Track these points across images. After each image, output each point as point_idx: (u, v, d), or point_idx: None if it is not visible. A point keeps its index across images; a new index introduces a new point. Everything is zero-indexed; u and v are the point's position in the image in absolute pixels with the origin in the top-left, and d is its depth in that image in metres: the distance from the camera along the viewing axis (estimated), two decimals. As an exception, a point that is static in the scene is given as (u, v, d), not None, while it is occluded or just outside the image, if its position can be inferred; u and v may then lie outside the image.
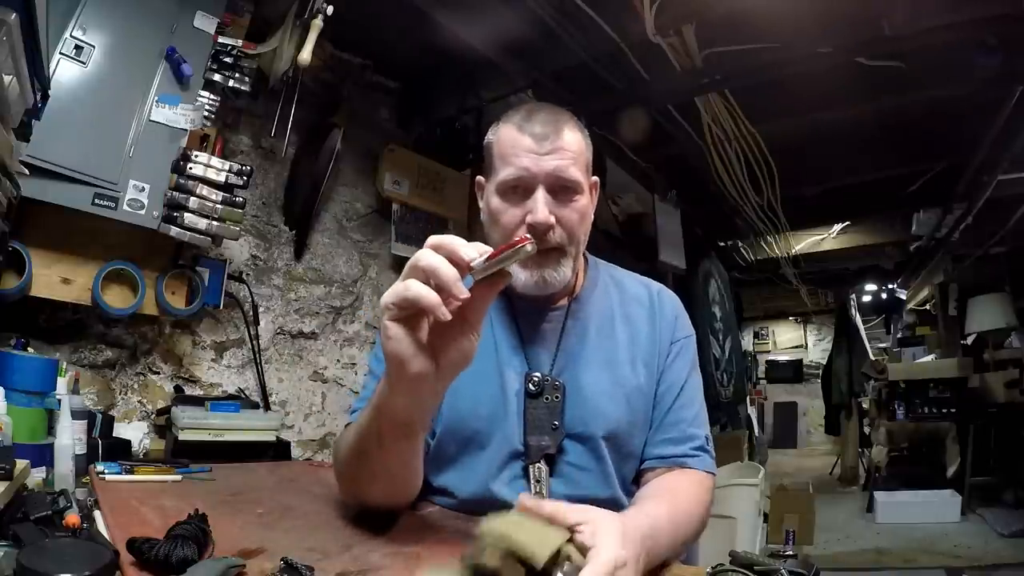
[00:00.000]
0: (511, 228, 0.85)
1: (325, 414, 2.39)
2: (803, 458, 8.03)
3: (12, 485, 0.79)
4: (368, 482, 0.75)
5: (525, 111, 0.88)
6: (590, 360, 0.89)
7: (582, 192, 0.87)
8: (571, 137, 0.86)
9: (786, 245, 4.82)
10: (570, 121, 0.88)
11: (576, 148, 0.86)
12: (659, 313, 0.95)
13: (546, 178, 0.83)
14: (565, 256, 0.86)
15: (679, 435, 0.88)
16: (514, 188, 0.85)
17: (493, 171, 0.88)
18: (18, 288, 1.46)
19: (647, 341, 0.92)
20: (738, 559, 0.60)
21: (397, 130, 2.71)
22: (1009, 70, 2.10)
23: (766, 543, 3.26)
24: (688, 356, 0.95)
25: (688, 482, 0.84)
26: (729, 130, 2.87)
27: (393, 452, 0.70)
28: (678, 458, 0.86)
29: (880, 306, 6.72)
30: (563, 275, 0.87)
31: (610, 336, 0.92)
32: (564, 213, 0.85)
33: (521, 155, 0.83)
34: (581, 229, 0.88)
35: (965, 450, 4.40)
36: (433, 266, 0.54)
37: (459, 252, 0.55)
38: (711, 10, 2.01)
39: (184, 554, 0.55)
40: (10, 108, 0.99)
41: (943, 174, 3.39)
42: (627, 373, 0.89)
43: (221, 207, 1.69)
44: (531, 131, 0.84)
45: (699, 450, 0.88)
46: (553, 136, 0.84)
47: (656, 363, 0.91)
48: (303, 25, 1.77)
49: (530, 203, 0.83)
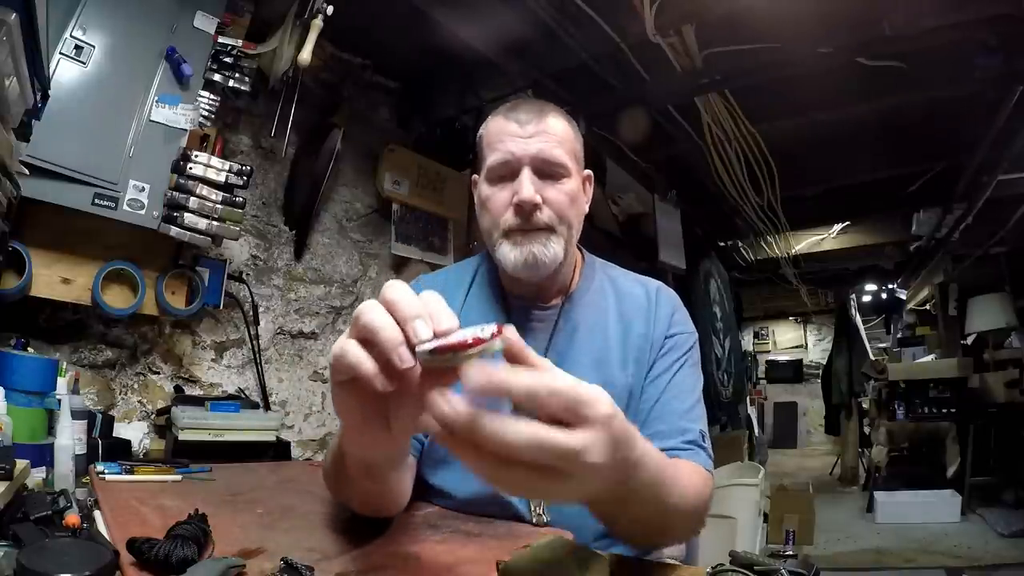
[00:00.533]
0: (499, 210, 0.85)
1: (325, 414, 2.38)
2: (803, 458, 8.03)
3: (12, 485, 0.79)
4: (350, 501, 0.73)
5: (512, 103, 0.90)
6: (579, 360, 0.87)
7: (569, 175, 0.87)
8: (555, 122, 0.87)
9: (786, 245, 4.83)
10: (555, 111, 0.89)
11: (561, 132, 0.86)
12: (656, 311, 0.92)
13: (532, 160, 0.84)
14: (555, 235, 0.85)
15: (668, 428, 0.81)
16: (501, 171, 0.86)
17: (483, 161, 0.90)
18: (18, 288, 1.46)
19: (641, 339, 0.89)
20: (738, 559, 0.60)
21: (397, 130, 2.71)
22: (1009, 70, 2.10)
23: (766, 543, 3.26)
24: (682, 351, 0.90)
25: (684, 464, 0.75)
26: (729, 130, 2.87)
27: (367, 487, 0.68)
28: (669, 451, 0.76)
29: (880, 306, 6.72)
30: (553, 253, 0.85)
31: (603, 336, 0.90)
32: (551, 194, 0.85)
33: (506, 140, 0.85)
34: (571, 212, 0.87)
35: (965, 450, 4.40)
36: (373, 326, 0.43)
37: (408, 324, 0.42)
38: (711, 10, 2.01)
39: (184, 554, 0.55)
40: (10, 108, 0.99)
41: (943, 174, 3.39)
42: (616, 373, 0.86)
43: (221, 207, 1.69)
44: (516, 117, 0.86)
45: (691, 444, 0.80)
46: (536, 120, 0.85)
47: (648, 359, 0.88)
48: (303, 25, 1.77)
49: (515, 184, 0.84)
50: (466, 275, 1.00)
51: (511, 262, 0.85)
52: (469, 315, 0.93)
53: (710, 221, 4.31)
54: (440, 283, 1.00)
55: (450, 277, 1.02)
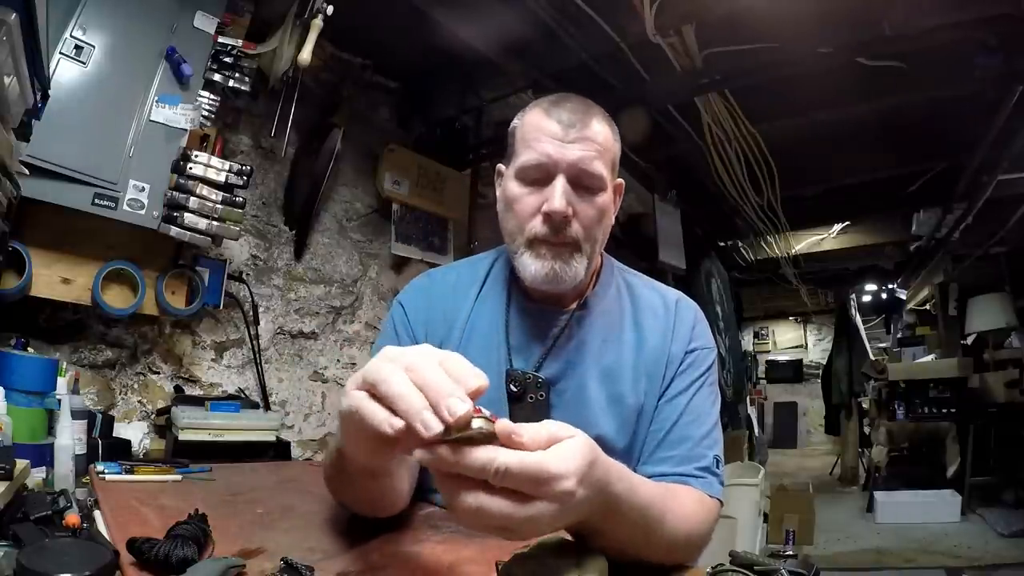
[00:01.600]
0: (526, 216, 0.81)
1: (325, 414, 2.38)
2: (803, 458, 8.03)
3: (12, 485, 0.79)
4: (352, 502, 0.73)
5: (555, 97, 0.84)
6: (588, 372, 0.84)
7: (604, 189, 0.81)
8: (600, 129, 0.81)
9: (786, 245, 4.83)
10: (600, 114, 0.83)
11: (603, 141, 0.81)
12: (675, 323, 0.88)
13: (568, 168, 0.78)
14: (580, 253, 0.81)
15: (683, 454, 0.79)
16: (534, 174, 0.80)
17: (514, 155, 0.84)
18: (18, 288, 1.46)
19: (657, 353, 0.85)
20: (738, 559, 0.60)
21: (397, 130, 2.71)
22: (1009, 70, 2.10)
23: (766, 543, 3.26)
24: (702, 368, 0.86)
25: (687, 495, 0.74)
26: (729, 130, 2.86)
27: (364, 488, 0.67)
28: (680, 477, 0.77)
29: (880, 306, 6.72)
30: (575, 272, 0.81)
31: (616, 348, 0.86)
32: (583, 208, 0.80)
33: (544, 140, 0.79)
34: (599, 228, 0.83)
35: (965, 450, 4.40)
36: (396, 395, 0.43)
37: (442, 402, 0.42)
38: (711, 10, 2.01)
39: (184, 554, 0.55)
40: (10, 108, 0.99)
41: (943, 174, 3.39)
42: (626, 389, 0.83)
43: (221, 207, 1.69)
44: (558, 117, 0.80)
45: (705, 471, 0.78)
46: (580, 125, 0.79)
47: (663, 374, 0.84)
48: (303, 25, 1.77)
49: (548, 191, 0.79)
50: (479, 272, 0.95)
51: (531, 274, 0.81)
52: (479, 316, 0.90)
53: (710, 221, 4.31)
54: (451, 280, 0.95)
55: (462, 274, 0.96)
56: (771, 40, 2.14)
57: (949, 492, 4.27)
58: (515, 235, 0.83)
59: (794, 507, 3.38)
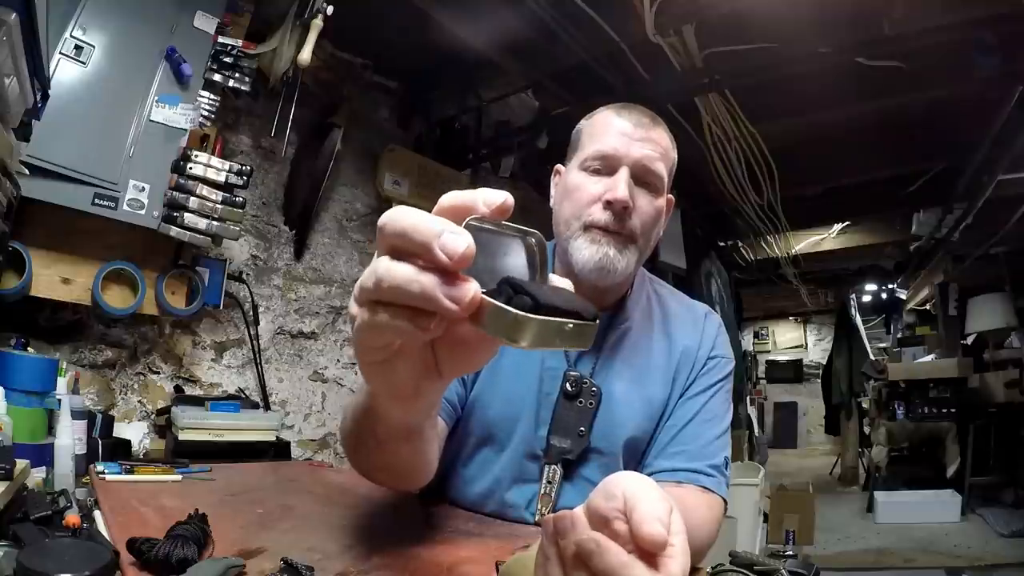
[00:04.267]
0: (586, 203, 0.81)
1: (325, 414, 2.38)
2: (803, 458, 8.03)
3: (12, 485, 0.79)
4: (371, 472, 0.67)
5: (623, 104, 0.88)
6: (621, 373, 0.86)
7: (661, 193, 0.85)
8: (664, 136, 0.85)
9: (786, 245, 4.82)
10: (664, 126, 0.88)
11: (665, 146, 0.85)
12: (703, 330, 0.92)
13: (634, 163, 0.81)
14: (634, 246, 0.82)
15: (696, 450, 0.82)
16: (598, 166, 0.82)
17: (579, 150, 0.86)
18: (18, 288, 1.47)
19: (683, 356, 0.88)
20: (738, 559, 0.60)
21: (397, 130, 2.71)
22: (1009, 70, 2.10)
23: (766, 543, 3.26)
24: (721, 375, 0.89)
25: (696, 501, 0.77)
26: (729, 130, 2.86)
27: (395, 452, 0.58)
28: (692, 473, 0.80)
29: (880, 306, 6.72)
30: (626, 264, 0.81)
31: (647, 351, 0.89)
32: (642, 203, 0.82)
33: (613, 134, 0.82)
34: (653, 229, 0.85)
35: (965, 450, 4.40)
36: (406, 226, 0.31)
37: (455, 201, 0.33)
38: (711, 10, 2.01)
39: (184, 554, 0.55)
40: (10, 108, 0.99)
41: (943, 174, 3.39)
42: (657, 390, 0.86)
43: (221, 207, 1.69)
44: (628, 117, 0.84)
45: (715, 469, 0.81)
46: (648, 127, 0.83)
47: (687, 374, 0.87)
48: (303, 25, 1.77)
49: (611, 181, 0.80)
50: None
51: (583, 259, 0.80)
52: None
53: (710, 221, 4.30)
54: None
55: None
56: (771, 40, 2.14)
57: (949, 492, 4.27)
58: (571, 221, 0.83)
59: (794, 507, 3.38)
